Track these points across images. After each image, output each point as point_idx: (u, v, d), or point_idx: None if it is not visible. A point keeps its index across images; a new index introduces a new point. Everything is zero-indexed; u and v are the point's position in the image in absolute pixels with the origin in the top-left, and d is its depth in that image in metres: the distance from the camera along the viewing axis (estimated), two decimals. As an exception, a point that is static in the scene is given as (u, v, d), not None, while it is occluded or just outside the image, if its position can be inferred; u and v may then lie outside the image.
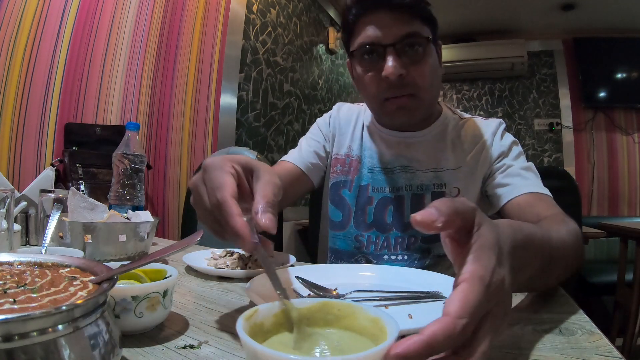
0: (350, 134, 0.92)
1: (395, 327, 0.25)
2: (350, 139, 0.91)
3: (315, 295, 0.48)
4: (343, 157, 0.90)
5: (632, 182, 3.32)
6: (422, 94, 0.74)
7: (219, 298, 0.56)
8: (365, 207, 0.85)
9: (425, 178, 0.81)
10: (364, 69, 0.75)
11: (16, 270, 0.35)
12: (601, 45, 3.34)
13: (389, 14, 0.70)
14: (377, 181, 0.85)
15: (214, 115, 2.12)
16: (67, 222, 0.69)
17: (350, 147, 0.90)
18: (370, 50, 0.73)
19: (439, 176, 0.81)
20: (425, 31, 0.72)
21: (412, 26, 0.70)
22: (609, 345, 0.38)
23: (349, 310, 0.29)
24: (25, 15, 1.40)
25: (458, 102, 3.95)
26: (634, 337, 1.83)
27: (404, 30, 0.70)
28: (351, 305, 0.29)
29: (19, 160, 1.39)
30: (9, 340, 0.23)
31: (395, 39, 0.70)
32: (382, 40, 0.71)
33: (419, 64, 0.72)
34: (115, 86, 1.73)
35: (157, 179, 1.97)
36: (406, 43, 0.71)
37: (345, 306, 0.29)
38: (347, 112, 0.96)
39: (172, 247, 0.41)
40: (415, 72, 0.72)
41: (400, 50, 0.71)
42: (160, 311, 0.41)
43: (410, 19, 0.71)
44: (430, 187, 0.81)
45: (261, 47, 2.43)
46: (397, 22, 0.70)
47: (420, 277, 0.56)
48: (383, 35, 0.71)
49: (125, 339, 0.39)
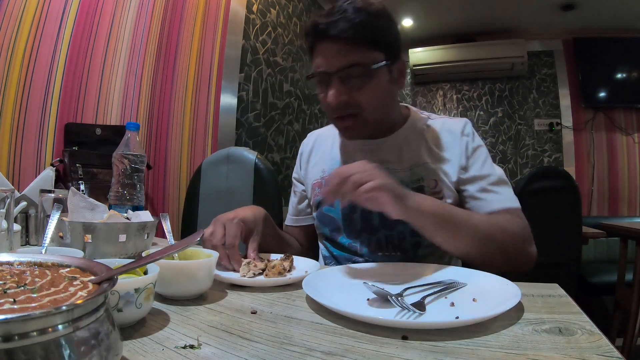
0: (321, 157, 0.97)
1: (215, 254, 0.60)
2: (322, 161, 0.96)
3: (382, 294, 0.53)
4: (319, 180, 0.95)
5: (632, 182, 3.32)
6: (367, 115, 0.79)
7: (219, 298, 0.56)
8: (352, 215, 0.88)
9: (404, 176, 0.85)
10: (319, 91, 0.82)
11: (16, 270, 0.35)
12: (601, 45, 3.34)
13: (334, 44, 0.75)
14: None
15: (214, 115, 2.11)
16: (67, 222, 0.69)
17: (324, 169, 0.95)
18: (319, 77, 0.79)
19: (415, 172, 0.85)
20: (371, 58, 0.76)
21: (355, 55, 0.75)
22: (609, 345, 0.38)
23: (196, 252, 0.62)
24: (25, 15, 1.40)
25: (458, 102, 3.95)
26: (634, 337, 1.83)
27: (345, 61, 0.75)
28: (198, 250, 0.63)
29: (19, 160, 1.39)
30: (9, 340, 0.23)
31: (337, 68, 0.75)
32: (327, 68, 0.77)
33: (362, 89, 0.77)
34: (115, 86, 1.73)
35: (157, 179, 1.97)
36: (347, 72, 0.75)
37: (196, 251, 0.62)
38: (314, 140, 1.03)
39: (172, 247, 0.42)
40: (359, 96, 0.77)
41: (344, 78, 0.76)
42: (151, 300, 0.45)
43: (354, 49, 0.74)
44: (409, 184, 0.84)
45: (261, 47, 2.43)
46: (339, 53, 0.75)
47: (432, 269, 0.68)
48: (328, 64, 0.77)
49: (125, 339, 0.40)
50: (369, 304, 0.52)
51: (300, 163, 1.04)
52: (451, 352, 0.38)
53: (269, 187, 1.37)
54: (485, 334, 0.42)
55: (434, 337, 0.41)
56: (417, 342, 0.40)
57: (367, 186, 0.61)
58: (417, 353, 0.38)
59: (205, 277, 0.55)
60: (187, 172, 2.03)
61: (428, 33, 3.74)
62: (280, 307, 0.52)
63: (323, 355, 0.37)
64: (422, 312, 0.47)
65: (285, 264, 0.68)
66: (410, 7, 3.37)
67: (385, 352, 0.38)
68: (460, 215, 0.71)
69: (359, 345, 0.40)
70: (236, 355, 0.37)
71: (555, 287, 0.60)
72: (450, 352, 0.38)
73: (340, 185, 0.63)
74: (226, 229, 0.73)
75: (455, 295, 0.55)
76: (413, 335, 0.42)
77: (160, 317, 0.47)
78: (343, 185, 0.63)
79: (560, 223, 1.83)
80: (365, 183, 0.61)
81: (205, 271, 0.55)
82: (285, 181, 2.47)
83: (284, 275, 0.66)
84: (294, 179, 1.06)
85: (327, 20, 0.75)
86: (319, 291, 0.53)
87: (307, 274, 0.62)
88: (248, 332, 0.43)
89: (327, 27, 0.74)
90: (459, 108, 3.93)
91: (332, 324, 0.46)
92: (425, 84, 4.07)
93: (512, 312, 0.47)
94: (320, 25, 0.75)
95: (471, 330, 0.43)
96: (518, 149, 3.63)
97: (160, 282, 0.51)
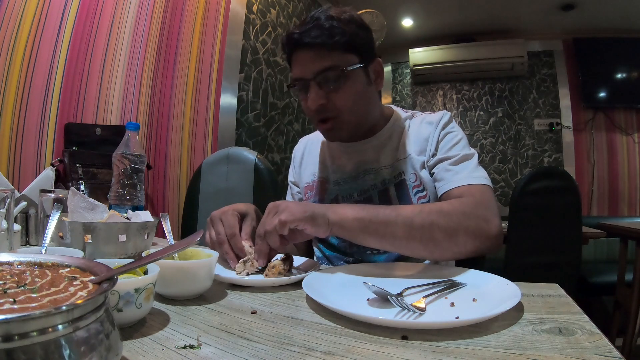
0: (312, 161, 1.00)
1: (215, 254, 0.59)
2: (313, 165, 0.99)
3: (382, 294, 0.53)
4: (311, 183, 0.98)
5: (632, 182, 3.32)
6: (345, 117, 0.82)
7: (219, 298, 0.56)
8: None
9: (386, 173, 0.87)
10: (300, 98, 0.85)
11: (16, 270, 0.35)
12: (601, 45, 3.34)
13: (309, 52, 0.78)
14: (344, 190, 0.92)
15: (214, 115, 2.11)
16: (67, 222, 0.69)
17: (315, 173, 0.98)
18: (298, 84, 0.82)
19: (396, 167, 0.87)
20: (344, 60, 0.78)
21: (329, 59, 0.77)
22: (609, 345, 0.38)
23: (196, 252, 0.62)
24: (25, 15, 1.40)
25: (458, 102, 3.95)
26: (634, 337, 1.83)
27: (319, 65, 0.78)
28: (198, 250, 0.63)
29: (19, 160, 1.39)
30: (9, 340, 0.23)
31: (313, 74, 0.78)
32: (304, 75, 0.80)
33: (338, 91, 0.79)
34: (115, 86, 1.73)
35: (157, 179, 1.97)
36: (322, 77, 0.78)
37: (196, 251, 0.62)
38: (305, 144, 1.06)
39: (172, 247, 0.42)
40: (336, 99, 0.80)
41: (321, 82, 0.79)
42: (151, 300, 0.45)
43: (328, 53, 0.77)
44: (392, 180, 0.87)
45: (261, 47, 2.43)
46: (314, 58, 0.78)
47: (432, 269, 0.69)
48: (304, 71, 0.80)
49: (125, 339, 0.40)
50: (369, 304, 0.52)
51: (294, 167, 1.08)
52: (451, 352, 0.38)
53: (269, 187, 1.37)
54: (485, 334, 0.42)
55: (434, 337, 0.41)
56: (417, 342, 0.40)
57: (270, 227, 0.65)
58: (417, 353, 0.38)
59: (205, 277, 0.55)
60: (187, 172, 2.03)
61: (428, 33, 3.74)
62: (280, 307, 0.52)
63: (323, 355, 0.37)
64: (422, 312, 0.47)
65: (285, 264, 0.68)
66: (410, 7, 3.38)
67: (385, 352, 0.38)
68: (386, 212, 0.68)
69: (359, 345, 0.40)
70: (236, 355, 0.37)
71: (555, 287, 0.60)
72: (450, 352, 0.38)
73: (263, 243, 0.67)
74: (223, 221, 0.74)
75: (455, 295, 0.55)
76: (413, 335, 0.42)
77: (160, 317, 0.47)
78: (263, 243, 0.67)
79: (560, 223, 1.83)
80: (269, 227, 0.65)
81: (205, 271, 0.55)
82: (285, 181, 2.46)
83: (284, 275, 0.66)
84: (290, 182, 1.09)
85: (300, 30, 0.78)
86: (319, 291, 0.53)
87: (307, 274, 0.62)
88: (248, 332, 0.43)
89: (300, 36, 0.78)
90: (459, 108, 3.93)
91: (332, 324, 0.46)
92: (425, 84, 4.08)
93: (512, 312, 0.47)
94: (295, 35, 0.78)
95: (471, 330, 0.43)
96: (518, 149, 3.63)
97: (160, 282, 0.51)
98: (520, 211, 1.83)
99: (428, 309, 0.49)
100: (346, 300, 0.53)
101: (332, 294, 0.54)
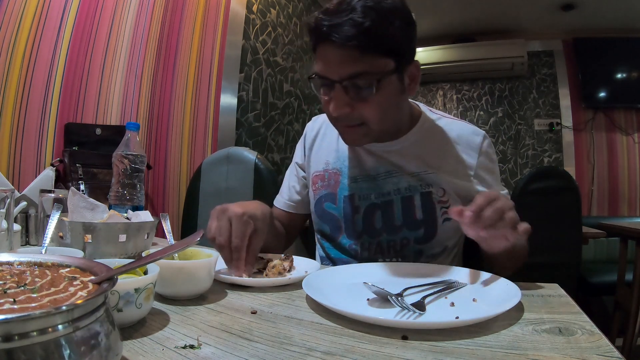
0: (326, 147, 0.92)
1: (215, 254, 0.59)
2: (327, 152, 0.91)
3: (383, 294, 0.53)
4: (322, 172, 0.90)
5: (632, 182, 3.32)
6: (372, 126, 0.72)
7: (219, 298, 0.56)
8: (354, 216, 0.85)
9: (412, 180, 0.82)
10: (320, 93, 0.74)
11: (16, 270, 0.35)
12: (601, 45, 3.34)
13: (338, 50, 0.66)
14: (362, 189, 0.85)
15: (214, 115, 2.11)
16: (67, 222, 0.69)
17: (327, 161, 0.90)
18: (321, 80, 0.72)
19: (424, 178, 0.81)
20: (379, 66, 0.67)
21: (361, 64, 0.66)
22: (609, 345, 0.38)
23: (196, 252, 0.62)
24: (25, 15, 1.40)
25: (458, 102, 3.95)
26: (634, 337, 1.83)
27: (349, 69, 0.66)
28: (198, 250, 0.63)
29: (19, 160, 1.39)
30: (9, 340, 0.23)
31: (341, 77, 0.67)
32: (329, 75, 0.69)
33: (367, 101, 0.69)
34: (115, 86, 1.73)
35: (157, 179, 1.97)
36: (350, 83, 0.67)
37: (196, 251, 0.63)
38: (320, 125, 0.95)
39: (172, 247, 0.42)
40: (364, 108, 0.70)
41: (348, 87, 0.68)
42: (151, 300, 0.45)
43: (361, 56, 0.65)
44: (418, 188, 0.81)
45: (261, 47, 2.43)
46: (344, 60, 0.66)
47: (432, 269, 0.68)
48: (330, 71, 0.68)
49: (125, 339, 0.40)
50: (369, 304, 0.52)
51: (304, 147, 0.96)
52: (451, 352, 0.38)
53: (269, 187, 1.37)
54: (485, 334, 0.42)
55: (434, 337, 0.41)
56: (417, 342, 0.40)
57: (522, 228, 0.56)
58: (417, 353, 0.38)
59: (205, 277, 0.55)
60: (187, 172, 2.03)
61: (428, 33, 3.74)
62: (280, 307, 0.52)
63: (323, 355, 0.37)
64: (422, 312, 0.47)
65: (285, 264, 0.68)
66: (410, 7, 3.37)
67: (385, 352, 0.38)
68: None
69: (359, 345, 0.40)
70: (236, 355, 0.37)
71: (556, 287, 0.60)
72: (450, 352, 0.38)
73: (493, 215, 0.55)
74: (233, 226, 0.64)
75: (455, 295, 0.55)
76: (413, 335, 0.42)
77: (160, 317, 0.47)
78: (495, 215, 0.55)
79: (560, 223, 1.83)
80: (517, 223, 0.57)
81: (205, 271, 0.55)
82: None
83: (284, 275, 0.66)
84: (295, 164, 0.98)
85: (331, 22, 0.65)
86: (319, 291, 0.53)
87: (307, 274, 0.62)
88: (248, 332, 0.43)
89: (330, 30, 0.64)
90: (459, 108, 3.93)
91: (332, 324, 0.46)
92: (425, 84, 4.08)
93: (512, 312, 0.47)
94: (324, 27, 0.65)
95: (471, 330, 0.43)
96: (518, 149, 3.63)
97: (160, 282, 0.51)
98: (520, 211, 1.83)
99: (428, 309, 0.49)
100: (346, 300, 0.53)
101: (332, 294, 0.54)
